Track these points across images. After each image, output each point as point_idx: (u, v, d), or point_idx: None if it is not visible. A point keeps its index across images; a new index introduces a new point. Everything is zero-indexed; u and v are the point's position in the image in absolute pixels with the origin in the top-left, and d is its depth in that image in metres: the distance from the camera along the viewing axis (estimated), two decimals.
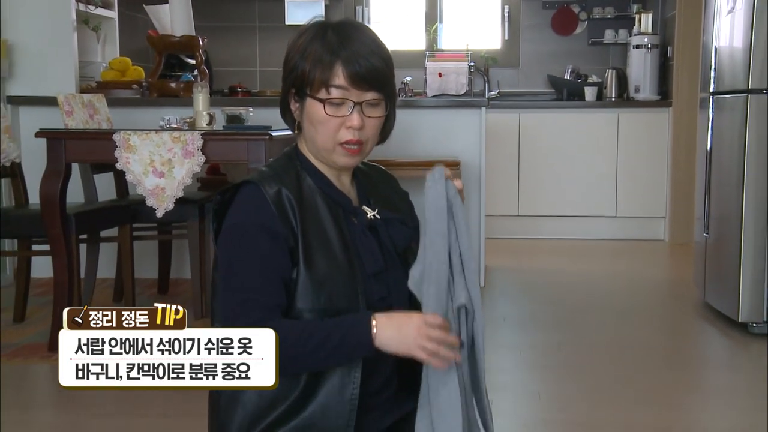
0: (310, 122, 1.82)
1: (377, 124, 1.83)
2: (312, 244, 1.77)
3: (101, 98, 5.38)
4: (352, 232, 1.84)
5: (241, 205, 1.78)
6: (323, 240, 1.79)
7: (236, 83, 7.68)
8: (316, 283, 1.75)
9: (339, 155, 1.81)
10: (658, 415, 3.65)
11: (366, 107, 1.80)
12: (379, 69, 1.79)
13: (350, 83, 1.77)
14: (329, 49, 1.77)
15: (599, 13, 8.46)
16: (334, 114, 1.78)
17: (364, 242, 1.84)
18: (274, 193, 1.77)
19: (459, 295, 1.69)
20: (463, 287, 1.70)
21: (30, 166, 5.05)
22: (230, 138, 4.37)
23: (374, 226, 1.87)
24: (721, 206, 5.02)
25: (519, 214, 7.93)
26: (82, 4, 6.36)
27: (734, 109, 4.84)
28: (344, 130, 1.79)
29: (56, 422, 3.37)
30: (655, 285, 6.29)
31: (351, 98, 1.78)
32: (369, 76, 1.77)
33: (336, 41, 1.78)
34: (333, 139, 1.80)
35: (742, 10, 4.76)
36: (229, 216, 1.79)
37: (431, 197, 1.73)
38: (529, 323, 5.12)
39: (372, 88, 1.79)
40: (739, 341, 4.67)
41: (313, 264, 1.76)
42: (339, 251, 1.79)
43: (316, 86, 1.78)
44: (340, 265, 1.78)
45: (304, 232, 1.77)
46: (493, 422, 1.79)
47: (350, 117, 1.78)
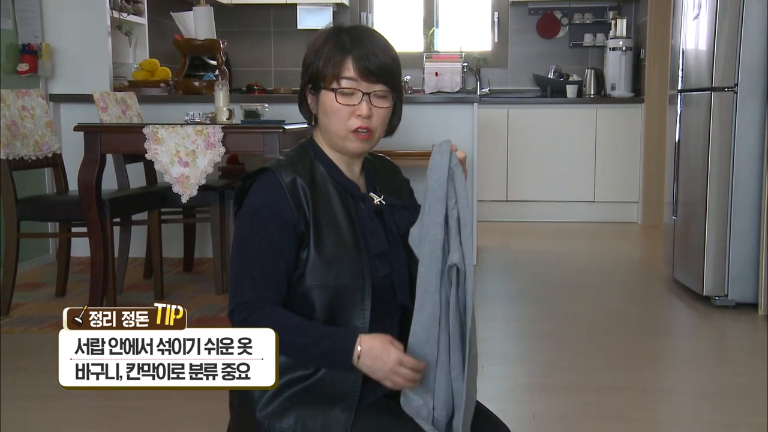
0: (324, 112, 1.82)
1: (384, 115, 1.83)
2: (322, 226, 1.77)
3: (132, 96, 5.37)
4: (359, 216, 1.83)
5: (259, 191, 1.78)
6: (333, 223, 1.79)
7: (253, 82, 7.69)
8: (324, 261, 1.75)
9: (350, 141, 1.81)
10: (631, 378, 3.65)
11: (374, 98, 1.80)
12: (386, 65, 1.79)
13: (359, 75, 1.77)
14: (342, 47, 1.78)
15: (579, 18, 8.44)
16: (345, 103, 1.78)
17: (370, 225, 1.83)
18: (290, 181, 1.77)
19: (453, 255, 1.68)
20: (457, 248, 1.68)
21: (69, 157, 5.05)
22: (248, 131, 4.37)
23: (380, 210, 1.87)
24: (688, 192, 5.02)
25: (507, 199, 7.92)
26: (116, 11, 6.36)
27: (699, 105, 4.82)
28: (354, 118, 1.79)
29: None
30: (629, 263, 6.29)
31: (360, 89, 1.78)
32: (377, 70, 1.78)
33: (348, 41, 1.79)
34: (345, 127, 1.80)
35: (706, 16, 4.74)
36: (248, 199, 1.79)
37: (434, 166, 1.72)
38: (516, 297, 5.12)
39: (380, 81, 1.79)
40: (703, 313, 4.68)
41: (323, 244, 1.76)
42: (347, 233, 1.79)
43: (329, 79, 1.78)
44: (347, 246, 1.77)
45: (316, 215, 1.77)
46: (479, 376, 1.78)
47: (359, 106, 1.78)
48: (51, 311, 4.54)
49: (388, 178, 1.97)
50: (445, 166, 1.71)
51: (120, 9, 6.46)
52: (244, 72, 8.38)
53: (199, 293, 4.96)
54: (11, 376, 3.52)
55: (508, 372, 3.77)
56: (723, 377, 3.74)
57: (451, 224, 1.70)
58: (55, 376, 1.48)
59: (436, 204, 1.70)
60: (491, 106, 7.79)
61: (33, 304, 4.72)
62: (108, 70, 5.96)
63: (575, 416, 3.21)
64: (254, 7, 8.55)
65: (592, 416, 3.21)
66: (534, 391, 3.50)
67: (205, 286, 5.10)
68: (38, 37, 5.75)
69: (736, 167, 4.65)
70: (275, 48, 8.70)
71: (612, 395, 3.43)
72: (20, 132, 4.56)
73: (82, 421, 3.18)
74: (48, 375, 2.93)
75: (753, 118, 4.60)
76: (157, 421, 3.15)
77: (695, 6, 4.92)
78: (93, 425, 3.16)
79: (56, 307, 4.61)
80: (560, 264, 6.10)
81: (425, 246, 1.69)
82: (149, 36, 7.13)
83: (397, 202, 1.90)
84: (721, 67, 4.63)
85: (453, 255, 1.68)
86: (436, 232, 1.69)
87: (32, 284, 5.18)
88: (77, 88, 5.77)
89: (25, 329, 4.24)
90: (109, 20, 6.02)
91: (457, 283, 1.69)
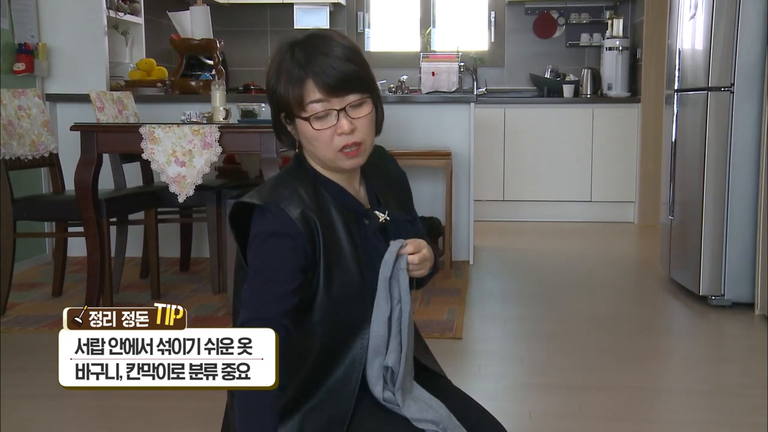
0: (306, 140, 1.72)
1: (368, 122, 1.73)
2: (331, 262, 1.70)
3: (129, 95, 5.37)
4: (363, 237, 1.77)
5: (269, 224, 1.68)
6: (339, 256, 1.71)
7: (250, 81, 7.69)
8: (332, 300, 1.70)
9: (342, 161, 1.72)
10: (628, 377, 3.66)
11: (350, 110, 1.69)
12: (349, 73, 1.67)
13: (326, 94, 1.66)
14: (299, 66, 1.67)
15: (576, 18, 8.44)
16: (323, 127, 1.69)
17: (374, 244, 1.76)
18: (299, 214, 1.67)
19: (389, 357, 1.70)
20: (394, 349, 1.70)
21: (66, 157, 5.04)
22: (244, 131, 4.37)
23: (384, 227, 1.80)
24: (685, 192, 5.02)
25: (504, 198, 7.93)
26: (112, 11, 6.35)
27: (696, 105, 4.83)
28: (338, 137, 1.69)
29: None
30: (626, 263, 6.29)
31: (333, 107, 1.67)
32: (342, 83, 1.66)
33: (303, 58, 1.67)
34: (331, 149, 1.70)
35: (703, 16, 4.75)
36: (258, 227, 1.70)
37: (383, 264, 1.71)
38: (513, 297, 5.12)
39: (349, 91, 1.68)
40: (700, 312, 4.68)
41: (332, 283, 1.69)
42: (352, 264, 1.72)
43: (297, 106, 1.68)
44: (353, 279, 1.71)
45: (326, 251, 1.69)
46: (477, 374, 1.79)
47: (339, 124, 1.68)
48: (47, 311, 4.53)
49: (386, 176, 1.91)
50: (389, 267, 1.70)
51: (116, 8, 6.46)
52: (240, 72, 8.38)
53: (196, 293, 4.96)
54: (10, 376, 3.51)
55: (505, 371, 3.77)
56: (720, 377, 3.74)
57: (392, 323, 1.72)
58: (54, 376, 1.48)
59: (383, 301, 1.71)
60: (488, 105, 7.79)
61: (29, 303, 4.72)
62: (104, 70, 5.97)
63: (572, 416, 3.21)
64: (251, 6, 8.55)
65: (588, 416, 3.21)
66: (531, 391, 3.49)
67: (201, 286, 5.10)
68: (35, 37, 5.75)
69: (733, 167, 4.65)
70: (272, 48, 8.65)
71: (608, 395, 3.43)
72: (16, 131, 4.56)
73: (81, 421, 3.17)
74: (47, 375, 2.93)
75: (749, 118, 4.60)
76: (157, 421, 3.14)
77: (692, 6, 4.93)
78: (93, 425, 3.15)
79: (53, 307, 4.61)
80: (557, 264, 6.10)
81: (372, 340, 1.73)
82: (146, 35, 7.13)
83: (402, 217, 1.84)
84: (718, 66, 4.63)
85: (389, 357, 1.71)
86: (378, 329, 1.71)
87: (29, 284, 5.18)
88: (74, 88, 5.77)
89: (21, 329, 4.23)
90: (105, 20, 6.01)
91: (392, 380, 1.72)
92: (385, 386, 1.73)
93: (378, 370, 1.72)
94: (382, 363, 1.72)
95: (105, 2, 6.01)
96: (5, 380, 3.45)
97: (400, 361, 1.71)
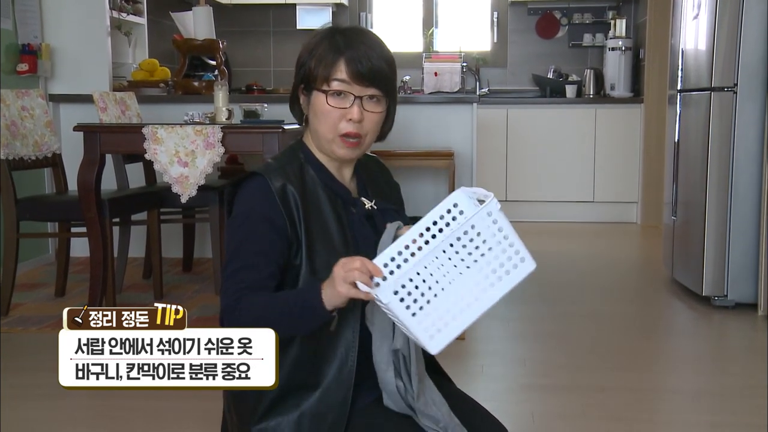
0: (314, 113, 1.78)
1: (376, 119, 1.79)
2: (314, 235, 1.74)
3: (132, 96, 5.37)
4: (350, 222, 1.80)
5: (249, 196, 1.74)
6: (324, 230, 1.75)
7: (252, 82, 7.68)
8: (316, 269, 1.72)
9: (338, 146, 1.78)
10: (631, 378, 3.65)
11: (366, 102, 1.76)
12: (379, 68, 1.75)
13: (352, 78, 1.73)
14: (335, 48, 1.74)
15: (578, 18, 8.43)
16: (336, 105, 1.74)
17: (361, 231, 1.80)
18: (280, 187, 1.73)
19: (397, 340, 1.69)
20: (401, 333, 1.68)
21: (69, 157, 5.05)
22: (247, 131, 4.37)
23: (371, 215, 1.84)
24: (688, 192, 5.02)
25: (507, 199, 7.91)
26: (115, 11, 6.36)
27: (699, 105, 4.82)
28: (345, 122, 1.75)
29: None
30: (629, 263, 6.29)
31: (352, 92, 1.74)
32: (370, 73, 1.74)
33: (342, 42, 1.75)
34: (334, 130, 1.76)
35: (706, 16, 4.74)
36: (238, 204, 1.75)
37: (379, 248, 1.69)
38: (515, 297, 5.09)
39: (372, 85, 1.75)
40: (703, 313, 4.68)
41: (315, 252, 1.73)
42: (338, 241, 1.75)
43: (321, 80, 1.75)
44: (339, 253, 1.72)
45: (307, 224, 1.73)
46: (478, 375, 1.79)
47: (350, 109, 1.74)
48: (50, 311, 4.54)
49: (380, 181, 1.94)
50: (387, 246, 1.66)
51: (119, 9, 6.46)
52: (243, 72, 8.38)
53: (199, 293, 4.96)
54: (11, 376, 3.52)
55: (507, 372, 3.77)
56: (722, 377, 3.74)
57: None
58: (55, 376, 1.48)
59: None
60: (490, 106, 7.78)
61: (32, 304, 4.72)
62: (107, 70, 5.97)
63: (574, 416, 3.21)
64: (253, 7, 8.55)
65: (591, 416, 3.21)
66: (533, 391, 3.49)
67: (204, 286, 5.10)
68: (38, 37, 5.75)
69: (736, 167, 4.65)
70: (274, 48, 8.70)
71: (611, 395, 3.43)
72: (20, 132, 4.56)
73: (82, 421, 3.18)
74: (47, 375, 2.93)
75: (752, 118, 4.60)
76: (157, 421, 3.15)
77: (695, 6, 4.92)
78: (93, 425, 3.16)
79: (55, 307, 4.61)
80: (559, 264, 6.09)
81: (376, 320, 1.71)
82: (148, 36, 7.13)
83: (389, 207, 1.87)
84: (721, 67, 4.63)
85: (397, 339, 1.70)
86: (381, 312, 1.66)
87: (31, 284, 5.18)
88: (77, 88, 5.77)
89: (24, 329, 4.23)
90: (108, 20, 6.02)
91: (404, 365, 1.70)
92: (397, 373, 1.72)
93: (387, 355, 1.71)
94: (391, 347, 1.70)
95: (108, 3, 6.02)
96: (6, 380, 3.45)
97: (409, 346, 1.70)
